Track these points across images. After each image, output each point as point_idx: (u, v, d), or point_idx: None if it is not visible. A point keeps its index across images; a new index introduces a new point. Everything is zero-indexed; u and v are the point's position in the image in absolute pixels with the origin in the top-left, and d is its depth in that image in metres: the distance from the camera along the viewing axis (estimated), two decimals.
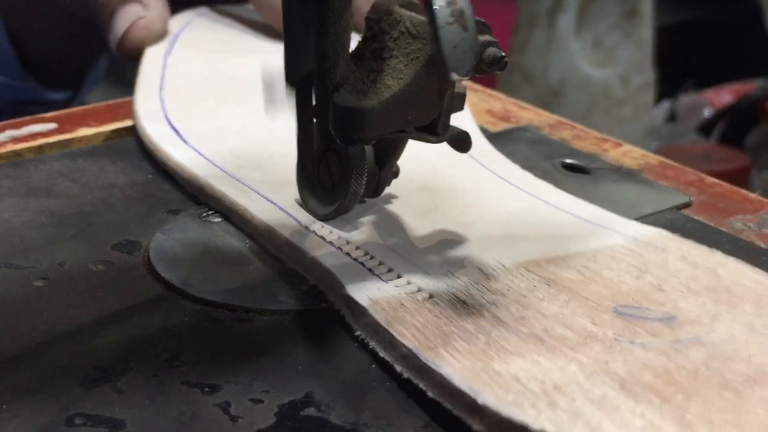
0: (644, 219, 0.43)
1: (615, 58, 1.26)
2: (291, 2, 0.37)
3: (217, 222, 0.42)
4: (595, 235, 0.40)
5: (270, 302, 0.37)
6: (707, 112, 1.36)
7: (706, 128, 1.29)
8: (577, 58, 1.25)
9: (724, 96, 1.40)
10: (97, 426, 0.31)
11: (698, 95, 1.42)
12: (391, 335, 0.33)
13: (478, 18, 0.36)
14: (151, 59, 0.57)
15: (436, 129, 0.38)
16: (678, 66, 1.47)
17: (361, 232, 0.40)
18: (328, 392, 0.33)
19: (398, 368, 0.33)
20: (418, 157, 0.43)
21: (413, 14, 0.37)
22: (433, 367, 0.31)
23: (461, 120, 0.43)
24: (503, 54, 0.36)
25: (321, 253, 0.38)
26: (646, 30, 1.29)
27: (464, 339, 0.33)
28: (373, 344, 0.34)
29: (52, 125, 0.51)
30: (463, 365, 0.31)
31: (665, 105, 1.39)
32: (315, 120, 0.39)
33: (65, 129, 0.51)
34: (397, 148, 0.40)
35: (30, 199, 0.44)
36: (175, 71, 0.56)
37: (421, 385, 0.32)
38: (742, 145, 1.19)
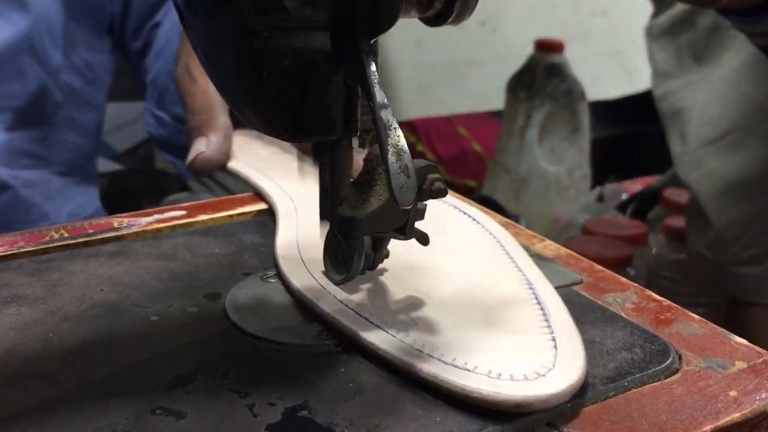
0: None
1: (563, 159, 1.27)
2: (315, 152, 0.36)
3: (273, 282, 0.42)
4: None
5: (294, 339, 0.37)
6: (624, 196, 1.34)
7: (623, 207, 1.29)
8: (539, 158, 1.27)
9: (636, 185, 1.37)
10: (169, 416, 0.31)
11: (619, 184, 1.40)
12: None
13: (429, 162, 0.35)
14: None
15: (404, 230, 0.37)
16: (607, 164, 1.47)
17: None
18: (317, 401, 0.33)
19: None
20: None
21: None
22: None
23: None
24: (445, 187, 0.35)
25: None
26: (585, 141, 1.31)
27: None
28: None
29: (183, 212, 0.51)
30: None
31: (597, 190, 1.38)
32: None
33: (191, 215, 0.51)
34: (385, 241, 0.39)
35: (159, 262, 0.45)
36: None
37: None
38: (645, 219, 1.17)
